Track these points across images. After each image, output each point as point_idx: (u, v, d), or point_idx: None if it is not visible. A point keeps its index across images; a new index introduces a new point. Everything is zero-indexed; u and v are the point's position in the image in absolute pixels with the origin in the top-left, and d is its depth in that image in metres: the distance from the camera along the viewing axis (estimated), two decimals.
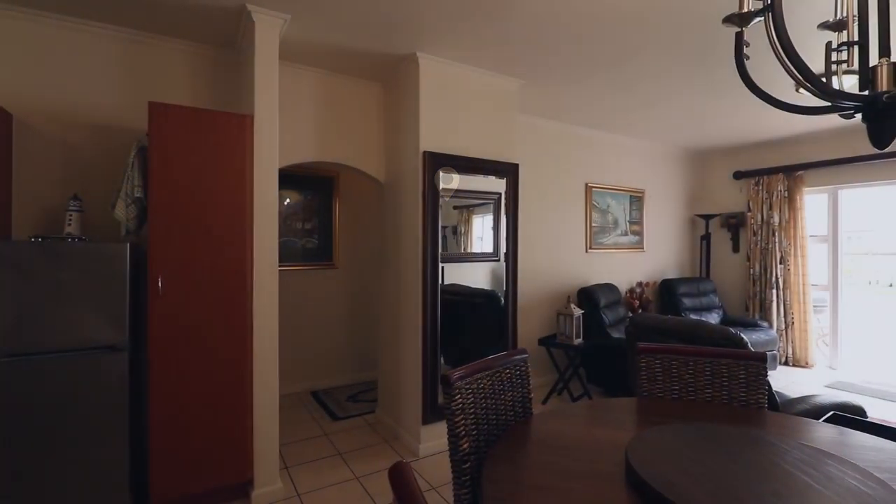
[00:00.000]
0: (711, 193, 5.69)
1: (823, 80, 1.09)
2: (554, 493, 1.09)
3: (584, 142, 4.66)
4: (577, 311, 3.77)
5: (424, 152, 2.84)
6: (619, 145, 4.94)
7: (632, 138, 4.99)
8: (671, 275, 5.49)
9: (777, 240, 4.98)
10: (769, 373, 4.57)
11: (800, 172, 4.86)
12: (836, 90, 0.87)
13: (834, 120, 4.17)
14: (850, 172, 4.59)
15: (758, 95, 1.05)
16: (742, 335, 4.18)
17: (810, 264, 4.88)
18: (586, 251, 4.67)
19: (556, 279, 4.44)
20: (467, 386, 1.41)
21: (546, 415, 1.59)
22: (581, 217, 4.66)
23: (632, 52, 2.81)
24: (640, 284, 5.04)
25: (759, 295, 5.12)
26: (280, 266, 3.97)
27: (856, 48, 0.98)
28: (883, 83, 0.89)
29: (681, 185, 5.62)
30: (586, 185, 4.67)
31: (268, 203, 2.37)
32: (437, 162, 2.88)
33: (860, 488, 1.00)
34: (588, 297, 4.17)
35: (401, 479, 0.74)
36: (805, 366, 4.82)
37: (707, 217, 5.46)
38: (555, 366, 3.88)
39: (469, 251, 3.27)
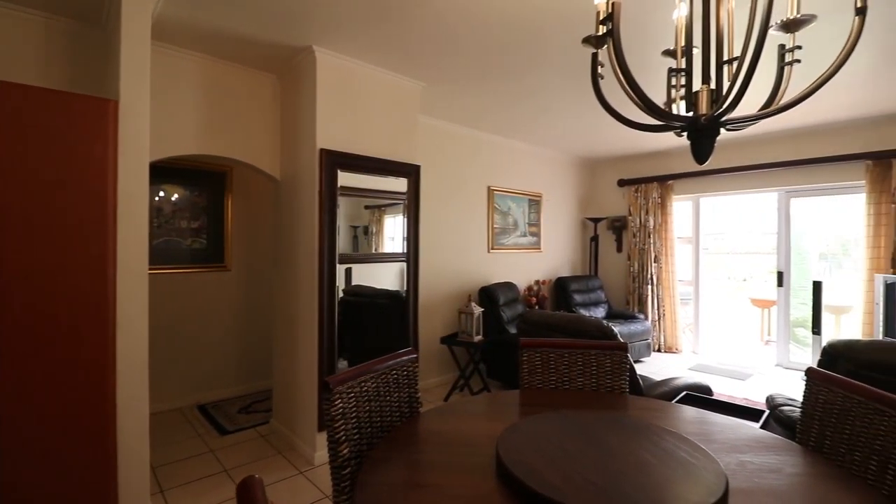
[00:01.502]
0: (600, 199, 6.25)
1: (665, 103, 1.24)
2: (428, 490, 1.11)
3: (488, 146, 4.84)
4: (478, 310, 3.90)
5: (322, 150, 2.75)
6: (520, 151, 5.21)
7: (532, 145, 5.29)
8: (565, 273, 5.92)
9: (652, 241, 5.60)
10: (644, 359, 5.14)
11: (670, 182, 5.52)
12: (663, 110, 1.00)
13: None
14: (710, 183, 5.31)
15: (607, 111, 1.16)
16: (614, 327, 4.61)
17: (678, 262, 5.56)
18: (488, 251, 4.85)
19: (460, 278, 4.56)
20: (349, 390, 1.38)
21: (432, 413, 1.61)
22: (484, 219, 4.83)
23: (529, 65, 2.97)
24: (537, 283, 5.36)
25: (638, 290, 5.72)
26: (160, 268, 3.59)
27: (683, 75, 1.12)
28: (703, 106, 1.03)
29: (574, 191, 6.09)
30: (489, 188, 4.86)
31: (135, 198, 2.12)
32: (336, 160, 2.80)
33: (688, 459, 1.15)
34: (488, 295, 4.34)
35: (246, 495, 0.69)
36: (674, 351, 5.49)
37: (596, 220, 5.97)
38: (456, 363, 3.98)
39: (381, 251, 3.24)
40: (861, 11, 0.88)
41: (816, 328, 4.46)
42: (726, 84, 1.00)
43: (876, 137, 4.21)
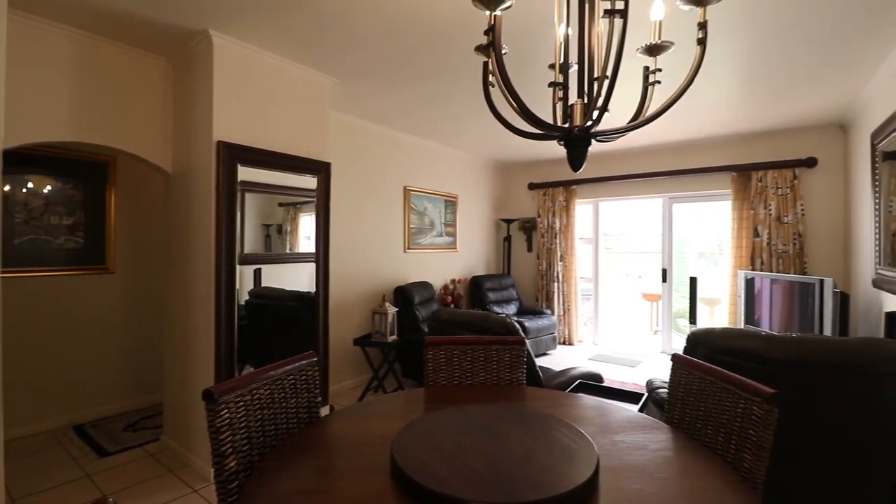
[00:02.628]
0: (512, 201, 6.54)
1: (562, 115, 1.33)
2: (317, 496, 1.08)
3: (405, 147, 4.84)
4: (392, 310, 3.89)
5: (219, 142, 2.56)
6: (436, 153, 5.28)
7: (448, 147, 5.39)
8: (480, 272, 6.11)
9: (558, 241, 5.98)
10: (550, 351, 5.47)
11: (574, 186, 5.93)
12: (540, 120, 1.07)
13: (597, 146, 5.20)
14: (607, 189, 5.79)
15: (496, 117, 1.22)
16: (524, 322, 4.83)
17: (580, 261, 6.00)
18: (405, 251, 4.86)
19: (375, 278, 4.51)
20: (237, 399, 1.31)
21: (333, 416, 1.58)
22: (400, 219, 4.83)
23: (440, 68, 3.02)
24: (453, 282, 5.47)
25: (546, 287, 6.08)
26: (24, 271, 3.11)
27: (561, 88, 1.21)
28: (577, 119, 1.12)
29: (489, 193, 6.30)
30: (405, 188, 4.86)
31: None
32: (235, 154, 2.63)
33: (569, 443, 1.24)
34: (403, 295, 4.35)
35: None
36: (577, 343, 5.91)
37: (509, 221, 6.24)
38: (370, 364, 3.93)
39: (296, 251, 3.10)
40: (701, 42, 1.02)
41: (693, 318, 5.06)
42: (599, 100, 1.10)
43: (739, 152, 4.87)
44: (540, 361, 5.04)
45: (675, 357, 1.64)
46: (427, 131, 4.69)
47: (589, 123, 1.06)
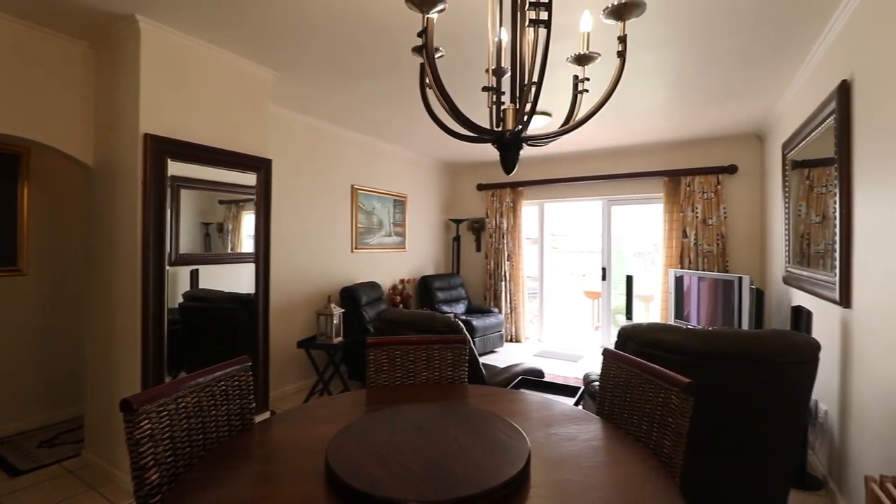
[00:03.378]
0: (461, 201, 6.61)
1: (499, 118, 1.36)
2: None
3: (353, 145, 4.76)
4: (337, 311, 3.81)
5: (147, 135, 2.41)
6: (385, 152, 5.23)
7: (397, 147, 5.36)
8: (429, 272, 6.13)
9: (506, 241, 6.12)
10: (497, 349, 5.58)
11: (520, 188, 6.09)
12: (472, 123, 1.09)
13: (544, 150, 5.37)
14: (552, 190, 6.00)
15: (433, 119, 1.23)
16: (472, 321, 4.90)
17: (527, 260, 6.17)
18: (352, 251, 4.78)
19: (321, 279, 4.41)
20: (160, 409, 1.24)
21: (271, 421, 1.53)
22: (347, 218, 4.74)
23: (386, 67, 3.00)
24: (402, 282, 5.45)
25: (494, 286, 6.20)
26: None
27: (494, 93, 1.24)
28: (509, 123, 1.15)
29: (438, 193, 6.34)
30: (352, 187, 4.79)
31: None
32: (165, 148, 2.48)
33: (503, 439, 1.28)
34: (350, 295, 4.28)
35: None
36: (522, 341, 6.08)
37: (458, 221, 6.30)
38: (314, 367, 3.84)
39: (238, 251, 2.96)
40: (620, 54, 1.08)
41: (629, 314, 5.35)
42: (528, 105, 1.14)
43: (670, 158, 5.20)
44: (487, 359, 5.13)
45: (605, 351, 1.73)
46: (376, 130, 4.64)
47: (519, 128, 1.09)
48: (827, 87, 2.50)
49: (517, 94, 1.14)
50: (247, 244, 3.00)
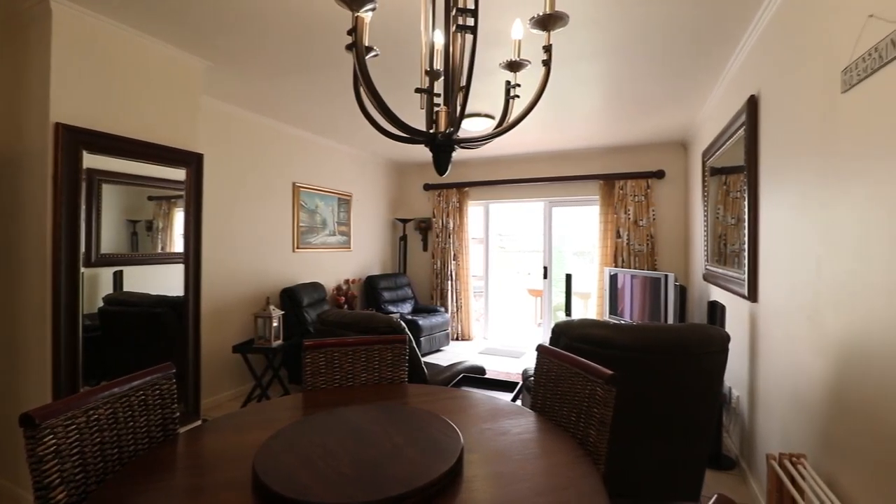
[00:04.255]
0: (408, 201, 6.60)
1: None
2: None
3: (294, 141, 4.62)
4: (277, 313, 3.69)
5: (58, 125, 2.20)
6: (329, 149, 5.11)
7: (341, 144, 5.25)
8: (375, 272, 6.07)
9: (452, 241, 6.18)
10: (444, 348, 5.63)
11: (466, 188, 6.18)
12: (404, 124, 1.10)
13: (488, 151, 5.47)
14: (497, 191, 6.13)
15: (366, 118, 1.23)
16: (419, 320, 4.91)
17: (472, 260, 6.27)
18: (294, 251, 4.64)
19: (260, 280, 4.23)
20: (68, 422, 1.14)
21: (199, 430, 1.46)
22: (288, 216, 4.59)
23: (326, 62, 2.93)
24: (347, 282, 5.36)
25: (440, 286, 6.25)
26: None
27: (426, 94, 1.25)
28: (441, 125, 1.17)
29: (384, 192, 6.28)
30: (294, 184, 4.64)
31: None
32: (80, 139, 2.28)
33: (437, 436, 1.30)
34: (291, 297, 4.15)
35: None
36: (468, 339, 6.17)
37: (404, 221, 6.29)
38: (252, 372, 3.69)
39: (170, 250, 2.76)
40: (546, 63, 1.13)
41: (568, 311, 5.58)
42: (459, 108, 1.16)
43: (605, 163, 5.48)
44: (433, 358, 5.16)
45: (539, 347, 1.80)
46: (318, 126, 4.52)
47: (451, 130, 1.11)
48: (738, 102, 2.75)
49: (449, 97, 1.16)
50: (179, 243, 2.83)
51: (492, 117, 4.02)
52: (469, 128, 4.24)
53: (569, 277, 5.56)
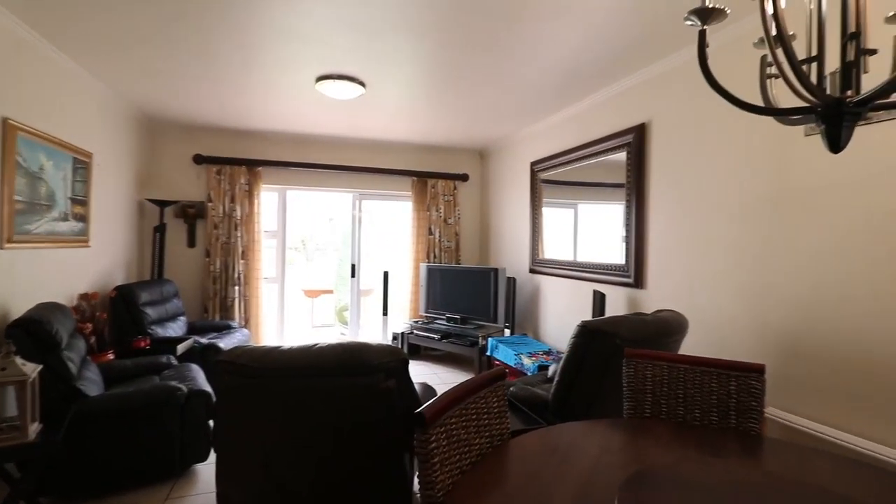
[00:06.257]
0: (168, 175, 4.62)
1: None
2: None
3: (10, 45, 2.45)
4: (32, 369, 1.93)
5: None
6: (61, 70, 2.95)
7: (79, 65, 3.11)
8: (120, 279, 3.99)
9: (239, 234, 4.77)
10: None
11: (259, 168, 4.89)
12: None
13: (289, 123, 4.44)
14: (297, 176, 5.12)
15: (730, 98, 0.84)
16: (217, 342, 3.58)
17: (264, 259, 5.03)
18: (3, 245, 2.48)
19: None
20: None
21: None
22: None
23: None
24: (85, 298, 3.29)
25: (221, 293, 4.72)
26: None
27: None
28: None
29: (132, 158, 4.17)
30: (6, 121, 2.47)
31: None
32: None
33: None
34: (37, 334, 2.22)
35: None
36: None
37: (162, 204, 4.38)
38: None
39: None
40: None
41: (385, 310, 5.32)
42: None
43: (418, 160, 5.51)
44: None
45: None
46: (42, 16, 2.53)
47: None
48: (585, 135, 3.34)
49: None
50: None
51: (360, 83, 3.31)
52: (333, 94, 3.41)
53: (386, 275, 5.31)
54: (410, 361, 1.88)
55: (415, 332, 4.97)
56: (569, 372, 2.17)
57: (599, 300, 3.40)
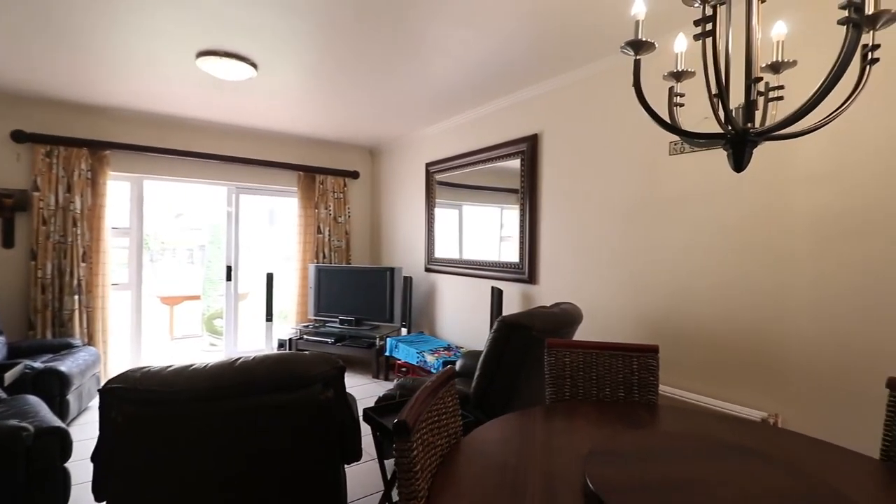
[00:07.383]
0: None
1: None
2: None
3: None
4: None
5: None
6: None
7: None
8: None
9: (79, 232, 3.91)
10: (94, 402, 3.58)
11: (106, 152, 4.06)
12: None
13: (152, 101, 3.79)
14: (156, 164, 4.39)
15: (651, 115, 1.04)
16: (59, 366, 3.03)
17: (113, 261, 4.22)
18: None
19: None
20: None
21: None
22: None
23: None
24: None
25: (54, 305, 3.82)
26: None
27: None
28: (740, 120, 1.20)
29: None
30: None
31: None
32: None
33: None
34: None
35: None
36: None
37: None
38: None
39: None
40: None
41: (269, 316, 4.89)
42: None
43: (305, 154, 5.18)
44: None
45: None
46: None
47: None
48: (483, 139, 3.60)
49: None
50: None
51: (252, 63, 3.00)
52: (218, 74, 3.02)
53: (270, 277, 4.91)
54: None
55: (304, 337, 4.67)
56: (489, 365, 2.28)
57: (497, 296, 3.63)
